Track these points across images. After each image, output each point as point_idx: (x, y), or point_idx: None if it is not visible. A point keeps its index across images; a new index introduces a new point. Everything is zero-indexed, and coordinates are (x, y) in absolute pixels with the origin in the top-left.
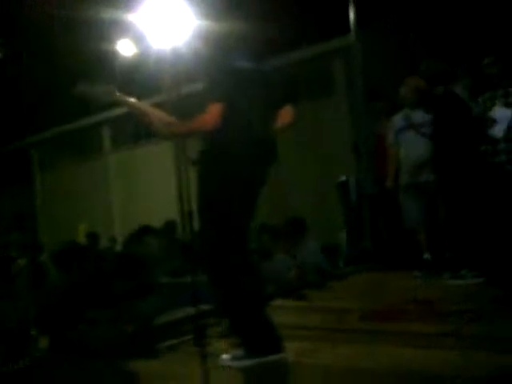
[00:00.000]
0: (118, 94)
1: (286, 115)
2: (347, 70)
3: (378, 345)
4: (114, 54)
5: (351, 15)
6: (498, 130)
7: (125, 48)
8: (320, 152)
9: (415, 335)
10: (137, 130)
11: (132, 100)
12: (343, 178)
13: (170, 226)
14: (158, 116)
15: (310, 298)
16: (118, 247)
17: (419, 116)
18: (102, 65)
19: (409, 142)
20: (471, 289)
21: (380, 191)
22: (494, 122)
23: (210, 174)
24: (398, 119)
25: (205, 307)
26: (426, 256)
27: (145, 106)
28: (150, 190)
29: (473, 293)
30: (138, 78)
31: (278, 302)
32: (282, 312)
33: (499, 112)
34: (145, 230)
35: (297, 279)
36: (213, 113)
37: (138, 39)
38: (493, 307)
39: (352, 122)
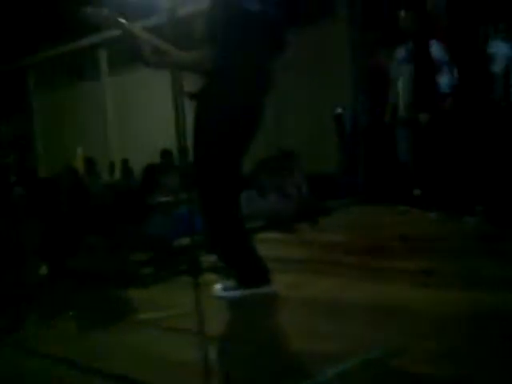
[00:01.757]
0: (123, 21)
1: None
2: None
3: (361, 279)
4: None
5: None
6: (498, 66)
7: None
8: (318, 80)
9: (397, 272)
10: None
11: (137, 30)
12: (339, 109)
13: (166, 154)
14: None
15: (299, 230)
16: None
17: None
18: None
19: (406, 75)
20: (465, 226)
21: (375, 124)
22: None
23: (210, 109)
24: (400, 50)
25: (199, 238)
26: (416, 191)
27: (150, 36)
28: (146, 116)
29: (466, 231)
30: None
31: (266, 235)
32: (270, 245)
33: (500, 47)
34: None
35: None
36: (213, 54)
37: None
38: (480, 245)
39: (350, 51)
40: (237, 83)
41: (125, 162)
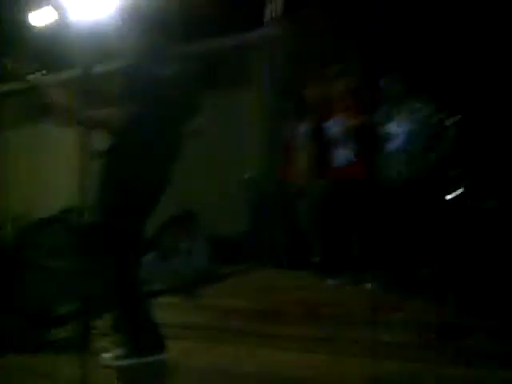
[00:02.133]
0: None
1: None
2: (265, 64)
3: (258, 346)
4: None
5: (272, 8)
6: (393, 144)
7: (42, 17)
8: (229, 143)
9: (294, 338)
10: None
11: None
12: (247, 175)
13: (66, 213)
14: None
15: (198, 295)
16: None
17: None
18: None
19: (308, 148)
20: (360, 293)
21: (281, 192)
22: (392, 135)
23: (118, 169)
24: (305, 122)
25: (91, 302)
26: (316, 258)
27: (57, 90)
28: (47, 171)
29: (363, 298)
30: (56, 49)
31: (165, 299)
32: (168, 310)
33: (396, 126)
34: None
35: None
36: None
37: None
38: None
39: (263, 119)
40: (147, 144)
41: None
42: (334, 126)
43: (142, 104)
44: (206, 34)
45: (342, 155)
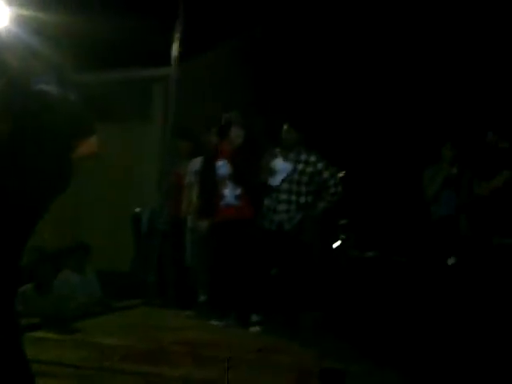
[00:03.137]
0: None
1: (89, 145)
2: (165, 100)
3: None
4: None
5: (174, 47)
6: (277, 181)
7: None
8: (122, 177)
9: (175, 379)
10: None
11: None
12: (137, 209)
13: None
14: None
15: (78, 331)
16: None
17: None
18: None
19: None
20: (247, 334)
21: (171, 228)
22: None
23: None
24: (197, 161)
25: None
26: (202, 297)
27: None
28: None
29: (247, 339)
30: None
31: (41, 334)
32: (43, 345)
33: (282, 163)
34: None
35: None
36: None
37: None
38: (260, 355)
39: (158, 154)
40: (24, 168)
41: None
42: (223, 167)
43: (21, 121)
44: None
45: (230, 195)
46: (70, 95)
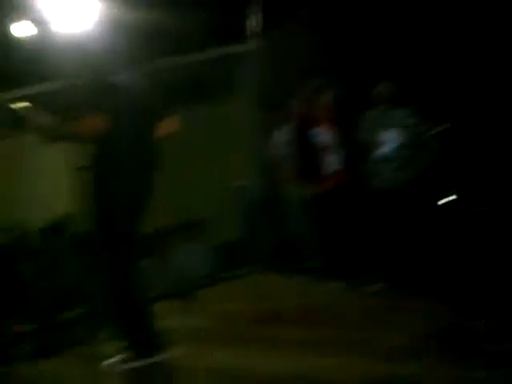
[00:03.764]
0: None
1: (170, 125)
2: (247, 76)
3: (260, 349)
4: (11, 36)
5: (253, 21)
6: (381, 152)
7: (23, 30)
8: (219, 155)
9: (296, 342)
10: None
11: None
12: (239, 182)
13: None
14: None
15: (200, 299)
16: None
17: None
18: None
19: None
20: (364, 297)
21: (270, 198)
22: (379, 143)
23: (102, 179)
24: (288, 131)
25: (96, 307)
26: (313, 263)
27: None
28: (37, 182)
29: (366, 300)
30: (36, 62)
31: (163, 305)
32: (170, 314)
33: (384, 134)
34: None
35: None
36: (95, 122)
37: (38, 21)
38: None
39: (249, 129)
40: (124, 151)
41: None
42: (321, 134)
43: (117, 114)
44: (187, 48)
45: (331, 162)
46: (147, 85)
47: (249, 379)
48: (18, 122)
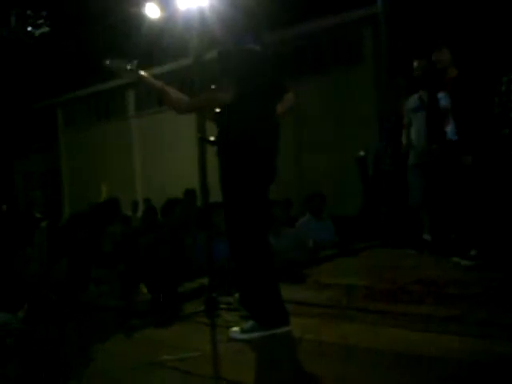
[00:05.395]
0: (140, 72)
1: (287, 100)
2: (375, 40)
3: (381, 325)
4: (141, 17)
5: None
6: None
7: (151, 11)
8: (343, 122)
9: (418, 317)
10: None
11: (152, 79)
12: (362, 152)
13: (190, 194)
14: (174, 93)
15: (317, 273)
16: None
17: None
18: (129, 29)
19: (420, 122)
20: (476, 271)
21: (395, 168)
22: None
23: (228, 157)
24: (412, 99)
25: (217, 279)
26: (426, 236)
27: (162, 84)
28: (170, 155)
29: (477, 275)
30: (165, 41)
31: (283, 277)
32: (288, 287)
33: None
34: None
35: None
36: (225, 90)
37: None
38: (495, 292)
39: (375, 96)
40: (253, 122)
41: (147, 200)
42: (443, 99)
43: (245, 84)
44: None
45: (450, 129)
46: (272, 55)
47: (368, 353)
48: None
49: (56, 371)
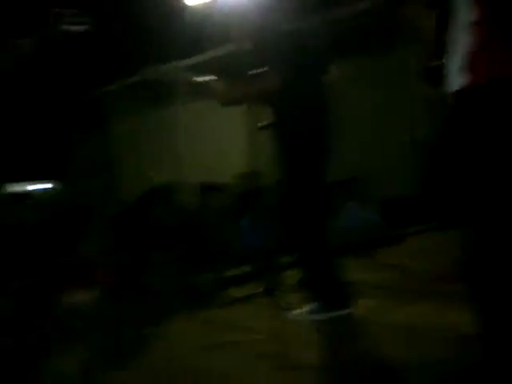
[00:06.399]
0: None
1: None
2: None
3: (446, 307)
4: (183, 6)
5: None
6: None
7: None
8: (391, 108)
9: None
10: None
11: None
12: (410, 135)
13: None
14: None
15: (377, 255)
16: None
17: None
18: (172, 18)
19: None
20: None
21: (446, 150)
22: None
23: (283, 135)
24: None
25: (277, 260)
26: None
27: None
28: (219, 142)
29: None
30: (207, 29)
31: (343, 259)
32: (349, 269)
33: None
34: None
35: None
36: (273, 78)
37: None
38: None
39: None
40: (304, 105)
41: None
42: None
43: (289, 69)
44: None
45: None
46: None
47: (432, 335)
48: (193, 88)
49: (123, 352)
